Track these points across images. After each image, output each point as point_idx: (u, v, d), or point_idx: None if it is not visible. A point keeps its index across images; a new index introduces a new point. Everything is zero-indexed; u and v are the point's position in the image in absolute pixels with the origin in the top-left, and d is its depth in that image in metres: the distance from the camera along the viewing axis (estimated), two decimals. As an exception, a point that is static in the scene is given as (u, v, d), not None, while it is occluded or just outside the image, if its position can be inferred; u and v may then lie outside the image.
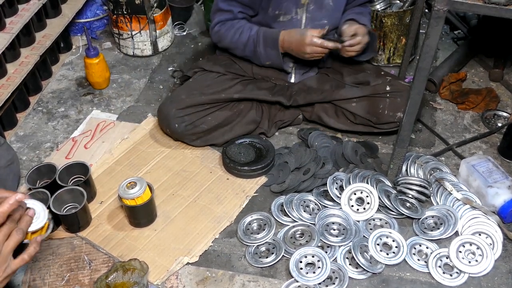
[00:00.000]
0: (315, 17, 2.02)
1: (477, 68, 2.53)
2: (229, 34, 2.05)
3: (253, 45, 2.02)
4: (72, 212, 1.73)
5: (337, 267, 1.66)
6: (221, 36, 2.07)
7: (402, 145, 1.79)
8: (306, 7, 1.99)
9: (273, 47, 2.00)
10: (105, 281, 1.59)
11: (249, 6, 2.03)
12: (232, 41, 2.05)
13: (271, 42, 1.99)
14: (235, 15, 2.04)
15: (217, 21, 2.07)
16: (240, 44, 2.05)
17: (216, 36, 2.10)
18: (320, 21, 2.02)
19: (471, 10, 1.41)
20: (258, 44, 2.01)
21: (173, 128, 2.01)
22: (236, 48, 2.07)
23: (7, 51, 2.19)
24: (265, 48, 2.01)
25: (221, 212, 1.85)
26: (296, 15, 2.01)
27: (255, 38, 2.01)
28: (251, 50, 2.04)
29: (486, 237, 1.73)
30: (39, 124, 2.28)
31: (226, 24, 2.05)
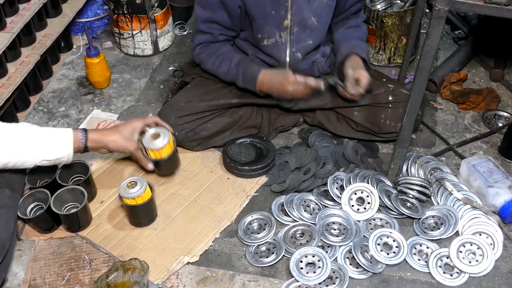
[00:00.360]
0: (300, 38, 1.95)
1: (477, 68, 2.53)
2: (210, 61, 2.01)
3: (232, 78, 1.98)
4: (73, 211, 1.73)
5: (338, 267, 1.66)
6: (202, 60, 2.04)
7: (403, 145, 1.79)
8: (289, 29, 1.92)
9: (251, 85, 1.95)
10: (106, 280, 1.59)
11: (230, 29, 1.98)
12: (213, 68, 2.02)
13: (249, 80, 1.95)
14: (216, 37, 1.99)
15: (198, 42, 2.02)
16: (220, 74, 2.02)
17: (197, 58, 2.05)
18: (306, 41, 1.97)
19: (472, 10, 1.41)
20: (237, 78, 1.97)
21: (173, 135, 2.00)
22: (217, 75, 2.04)
23: (7, 51, 2.19)
24: (244, 84, 1.97)
25: (222, 212, 1.85)
26: (280, 38, 1.95)
27: (234, 72, 1.97)
28: (231, 80, 2.00)
29: (486, 237, 1.73)
30: (40, 123, 2.28)
31: (208, 48, 2.01)
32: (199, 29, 1.98)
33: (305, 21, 1.91)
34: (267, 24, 1.91)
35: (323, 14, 1.92)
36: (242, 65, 1.96)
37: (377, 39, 2.45)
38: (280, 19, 1.90)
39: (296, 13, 1.88)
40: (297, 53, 1.99)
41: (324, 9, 1.91)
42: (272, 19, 1.90)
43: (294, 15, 1.89)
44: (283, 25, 1.91)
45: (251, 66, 1.96)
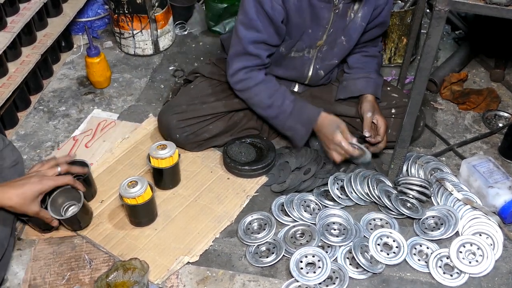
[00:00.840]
0: (326, 57, 1.95)
1: (478, 68, 2.53)
2: (259, 91, 1.87)
3: (284, 115, 1.88)
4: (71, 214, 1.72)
5: (338, 267, 1.66)
6: (247, 87, 1.89)
7: (403, 145, 1.79)
8: (319, 48, 1.91)
9: (305, 125, 1.88)
10: (106, 280, 1.59)
11: (276, 46, 1.87)
12: (261, 100, 1.89)
13: (306, 120, 1.87)
14: (263, 60, 1.85)
15: (242, 66, 1.85)
16: (266, 106, 1.90)
17: (240, 84, 1.89)
18: (331, 61, 1.96)
19: (472, 11, 1.41)
20: (291, 115, 1.88)
21: (174, 137, 1.99)
22: (260, 107, 1.92)
23: (8, 50, 2.19)
24: (296, 122, 1.88)
25: (222, 212, 1.85)
26: (308, 54, 1.93)
27: (290, 109, 1.87)
28: (278, 117, 1.90)
29: (486, 238, 1.73)
30: (40, 123, 2.28)
31: (254, 76, 1.87)
32: (247, 51, 1.82)
33: (336, 40, 1.90)
34: (301, 40, 1.88)
35: (354, 35, 1.90)
36: (300, 102, 1.89)
37: (378, 39, 2.45)
38: (315, 39, 1.88)
39: (331, 34, 1.88)
40: (320, 70, 1.99)
41: (356, 30, 1.88)
42: (307, 37, 1.87)
43: (329, 37, 1.88)
44: (315, 44, 1.90)
45: (309, 108, 1.88)
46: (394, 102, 2.02)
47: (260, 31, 1.79)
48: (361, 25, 1.88)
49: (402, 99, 2.03)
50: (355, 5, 1.83)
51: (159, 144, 1.87)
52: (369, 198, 1.85)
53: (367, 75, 2.00)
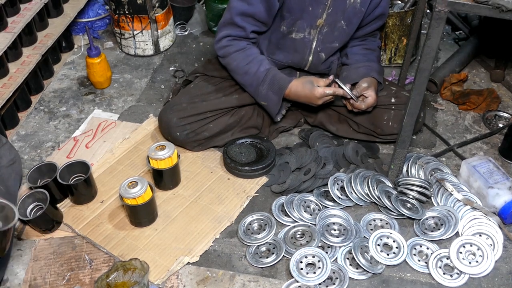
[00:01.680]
0: (327, 39, 1.97)
1: (478, 68, 2.53)
2: (238, 56, 1.94)
3: (257, 82, 1.93)
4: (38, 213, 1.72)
5: (338, 268, 1.66)
6: (228, 53, 1.96)
7: (403, 146, 1.79)
8: (320, 28, 1.93)
9: (276, 94, 1.92)
10: (106, 280, 1.59)
11: (264, 23, 1.93)
12: (238, 66, 1.95)
13: (277, 88, 1.91)
14: (247, 33, 1.93)
15: (226, 34, 1.94)
16: (243, 73, 1.96)
17: (222, 50, 1.97)
18: (331, 43, 1.98)
19: (472, 11, 1.41)
20: (263, 83, 1.92)
21: (174, 136, 2.00)
22: (237, 74, 1.97)
23: (9, 50, 2.20)
24: (267, 91, 1.93)
25: (222, 212, 1.86)
26: (309, 35, 1.95)
27: (262, 76, 1.92)
28: (252, 85, 1.95)
29: (486, 238, 1.73)
30: (41, 123, 2.29)
31: (236, 43, 1.94)
32: (233, 21, 1.90)
33: (336, 23, 1.93)
34: (301, 18, 1.92)
35: (353, 20, 1.94)
36: (273, 71, 1.93)
37: (378, 39, 2.45)
38: (315, 17, 1.91)
39: (331, 14, 1.90)
40: (321, 52, 2.00)
41: (356, 14, 1.93)
42: (307, 15, 1.91)
43: (329, 16, 1.90)
44: (316, 23, 1.92)
45: (280, 76, 1.92)
46: (393, 92, 2.04)
47: (251, 4, 1.86)
48: (360, 10, 1.92)
49: (400, 91, 2.06)
50: None
51: (158, 145, 1.88)
52: (369, 199, 1.86)
53: (368, 64, 2.03)
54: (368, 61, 2.04)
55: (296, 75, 2.11)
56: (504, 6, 1.35)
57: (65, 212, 1.86)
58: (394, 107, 2.00)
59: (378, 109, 2.00)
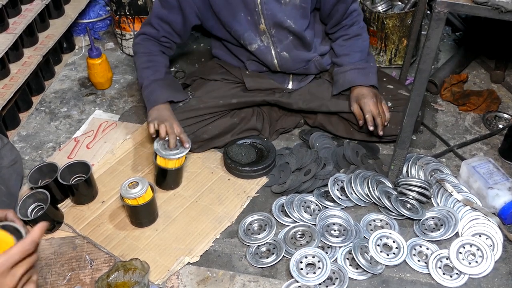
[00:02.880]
0: (281, 38, 1.95)
1: (478, 69, 2.53)
2: (141, 58, 2.01)
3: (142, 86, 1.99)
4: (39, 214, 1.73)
5: (337, 268, 1.67)
6: (137, 51, 2.04)
7: (403, 147, 1.80)
8: (268, 32, 1.93)
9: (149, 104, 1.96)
10: (106, 280, 1.59)
11: (178, 35, 2.01)
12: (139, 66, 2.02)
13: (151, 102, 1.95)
14: (159, 36, 2.00)
15: (142, 32, 2.03)
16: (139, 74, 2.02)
17: (135, 47, 2.06)
18: (287, 39, 1.97)
19: (472, 12, 1.42)
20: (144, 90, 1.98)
21: None
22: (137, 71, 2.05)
23: (10, 51, 2.20)
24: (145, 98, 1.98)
25: (222, 213, 1.86)
26: (262, 42, 1.96)
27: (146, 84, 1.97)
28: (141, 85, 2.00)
29: (486, 239, 1.73)
30: (42, 124, 2.29)
31: (148, 45, 2.02)
32: (150, 22, 2.00)
33: (281, 24, 1.91)
34: (246, 30, 1.93)
35: (297, 16, 1.91)
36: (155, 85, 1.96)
37: (378, 40, 2.46)
38: (256, 24, 1.91)
39: (269, 17, 1.89)
40: (282, 52, 1.99)
41: (298, 11, 1.90)
42: (249, 24, 1.92)
43: (267, 19, 1.89)
44: (260, 29, 1.92)
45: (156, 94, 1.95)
46: (390, 96, 2.03)
47: (170, 12, 1.94)
48: (301, 6, 1.88)
49: (397, 91, 2.04)
50: None
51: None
52: (369, 199, 1.86)
53: (356, 66, 2.00)
54: (353, 59, 2.00)
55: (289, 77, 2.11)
56: (503, 7, 1.36)
57: (66, 212, 1.86)
58: (391, 110, 2.00)
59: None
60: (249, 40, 1.96)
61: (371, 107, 1.92)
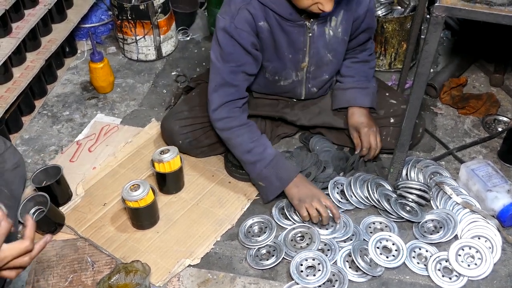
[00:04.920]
0: (316, 75, 1.95)
1: (477, 73, 2.54)
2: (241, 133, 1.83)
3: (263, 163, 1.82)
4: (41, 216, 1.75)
5: (337, 270, 1.68)
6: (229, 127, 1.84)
7: (402, 150, 1.80)
8: (306, 69, 1.91)
9: (280, 180, 1.82)
10: (108, 282, 1.61)
11: (253, 75, 1.86)
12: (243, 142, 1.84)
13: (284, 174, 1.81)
14: (242, 92, 1.83)
15: (223, 101, 1.81)
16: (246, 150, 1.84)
17: (221, 122, 1.84)
18: (322, 77, 1.96)
19: (469, 17, 1.43)
20: (268, 166, 1.82)
21: (177, 144, 2.00)
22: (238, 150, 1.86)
23: (13, 56, 2.22)
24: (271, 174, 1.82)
25: (223, 215, 1.87)
26: (297, 77, 1.94)
27: (270, 159, 1.82)
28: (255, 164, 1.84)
29: (485, 241, 1.74)
30: (44, 127, 2.31)
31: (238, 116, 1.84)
32: (226, 81, 1.79)
33: (322, 59, 1.90)
34: (286, 68, 1.89)
35: (338, 49, 1.91)
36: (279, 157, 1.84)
37: (378, 44, 2.47)
38: (297, 62, 1.88)
39: (313, 55, 1.87)
40: (312, 88, 2.00)
41: (340, 44, 1.89)
42: (290, 63, 1.88)
43: (311, 57, 1.88)
44: (300, 66, 1.90)
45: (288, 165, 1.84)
46: (392, 110, 2.03)
47: (238, 62, 1.77)
48: (343, 39, 1.89)
49: (400, 106, 2.03)
50: (331, 22, 1.82)
51: (163, 149, 1.90)
52: (369, 202, 1.87)
53: (357, 85, 2.00)
54: (358, 80, 2.01)
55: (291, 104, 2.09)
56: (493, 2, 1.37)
57: (67, 214, 1.87)
58: (393, 126, 2.01)
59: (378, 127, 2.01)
60: (285, 76, 1.92)
61: (370, 140, 1.94)
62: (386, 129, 2.01)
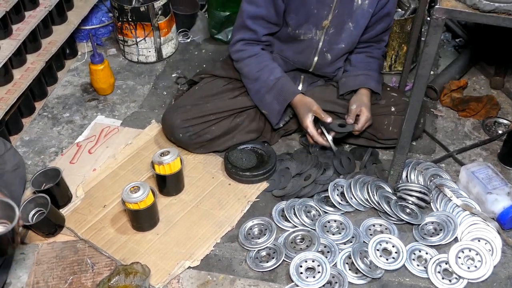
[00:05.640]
0: (333, 40, 1.98)
1: (478, 75, 2.54)
2: (250, 63, 1.99)
3: (265, 89, 1.97)
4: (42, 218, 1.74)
5: (337, 272, 1.68)
6: (241, 58, 2.01)
7: (402, 152, 1.81)
8: (325, 30, 1.95)
9: (280, 104, 1.97)
10: (108, 284, 1.61)
11: (275, 24, 1.97)
12: (250, 71, 2.00)
13: (282, 99, 1.96)
14: (259, 37, 1.97)
15: (240, 38, 1.99)
16: (253, 79, 2.00)
17: (236, 54, 2.02)
18: (338, 44, 1.99)
19: (469, 19, 1.43)
20: (271, 91, 1.97)
21: (177, 137, 2.03)
22: (248, 79, 2.02)
23: (13, 57, 2.22)
24: (273, 99, 1.97)
25: (223, 217, 1.87)
26: (316, 36, 1.97)
27: (271, 84, 1.96)
28: (260, 91, 1.99)
29: (485, 243, 1.74)
30: (44, 129, 2.31)
31: (249, 48, 1.99)
32: (245, 24, 1.95)
33: (343, 24, 1.94)
34: (307, 22, 1.93)
35: (361, 21, 1.95)
36: (282, 81, 1.97)
37: (378, 47, 2.47)
38: (320, 18, 1.92)
39: (337, 15, 1.92)
40: (327, 53, 2.02)
41: (363, 16, 1.94)
42: (313, 17, 1.92)
43: (335, 17, 1.92)
44: (321, 24, 1.93)
45: (289, 86, 1.97)
46: (392, 100, 2.06)
47: (259, 6, 1.89)
48: (368, 11, 1.93)
49: (401, 98, 2.07)
50: None
51: (163, 151, 1.90)
52: (369, 204, 1.87)
53: (367, 72, 2.04)
54: (368, 70, 2.05)
55: (301, 79, 2.13)
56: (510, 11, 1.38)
57: (67, 216, 1.87)
58: (395, 114, 2.02)
59: (379, 116, 2.02)
60: (305, 30, 1.95)
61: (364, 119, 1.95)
62: (388, 117, 2.02)
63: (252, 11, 1.92)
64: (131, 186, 1.77)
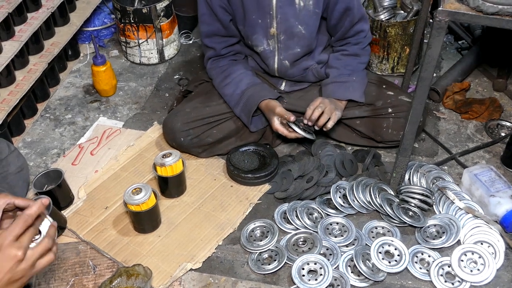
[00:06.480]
0: (288, 46, 1.98)
1: (481, 78, 2.54)
2: (219, 79, 2.08)
3: (233, 103, 2.03)
4: None
5: (339, 275, 1.67)
6: (211, 75, 2.13)
7: (405, 154, 1.80)
8: (276, 37, 1.96)
9: (246, 115, 2.01)
10: (109, 286, 1.60)
11: (230, 36, 2.05)
12: (219, 87, 2.09)
13: (247, 111, 1.99)
14: (219, 52, 2.07)
15: (207, 57, 2.12)
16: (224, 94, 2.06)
17: (209, 73, 2.14)
18: (293, 49, 1.99)
19: (472, 21, 1.43)
20: (237, 105, 2.02)
21: (178, 141, 2.03)
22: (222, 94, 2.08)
23: (16, 59, 2.23)
24: (240, 113, 2.02)
25: (225, 219, 1.87)
26: (268, 46, 1.99)
27: (237, 99, 2.02)
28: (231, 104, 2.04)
29: (488, 246, 1.74)
30: (47, 130, 2.31)
31: (219, 63, 2.09)
32: (205, 44, 2.08)
33: (292, 29, 1.94)
34: (255, 33, 1.97)
35: (310, 22, 1.94)
36: (248, 93, 2.00)
37: (381, 48, 2.47)
38: (266, 28, 1.94)
39: (281, 21, 1.92)
40: (284, 60, 2.02)
41: (311, 17, 1.93)
42: (259, 28, 1.95)
43: (280, 24, 1.93)
44: (269, 33, 1.95)
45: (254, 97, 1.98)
46: (389, 101, 2.03)
47: (209, 24, 2.01)
48: (315, 12, 1.92)
49: (397, 97, 2.04)
50: None
51: (165, 153, 1.90)
52: (371, 207, 1.87)
53: (338, 79, 2.01)
54: (341, 74, 2.01)
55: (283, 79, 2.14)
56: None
57: (69, 218, 1.87)
58: (392, 116, 2.01)
59: (377, 118, 2.02)
60: (256, 42, 2.00)
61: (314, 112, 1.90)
62: (386, 120, 2.01)
63: (205, 30, 2.04)
64: (133, 188, 1.77)
